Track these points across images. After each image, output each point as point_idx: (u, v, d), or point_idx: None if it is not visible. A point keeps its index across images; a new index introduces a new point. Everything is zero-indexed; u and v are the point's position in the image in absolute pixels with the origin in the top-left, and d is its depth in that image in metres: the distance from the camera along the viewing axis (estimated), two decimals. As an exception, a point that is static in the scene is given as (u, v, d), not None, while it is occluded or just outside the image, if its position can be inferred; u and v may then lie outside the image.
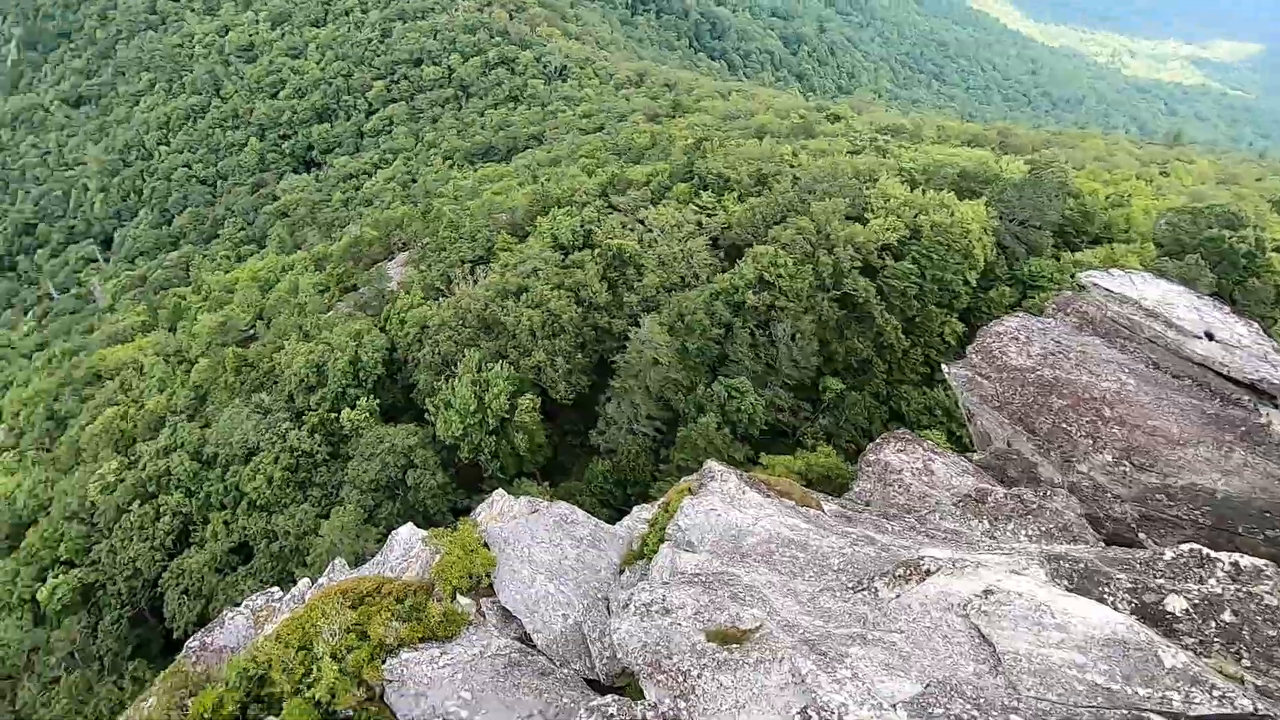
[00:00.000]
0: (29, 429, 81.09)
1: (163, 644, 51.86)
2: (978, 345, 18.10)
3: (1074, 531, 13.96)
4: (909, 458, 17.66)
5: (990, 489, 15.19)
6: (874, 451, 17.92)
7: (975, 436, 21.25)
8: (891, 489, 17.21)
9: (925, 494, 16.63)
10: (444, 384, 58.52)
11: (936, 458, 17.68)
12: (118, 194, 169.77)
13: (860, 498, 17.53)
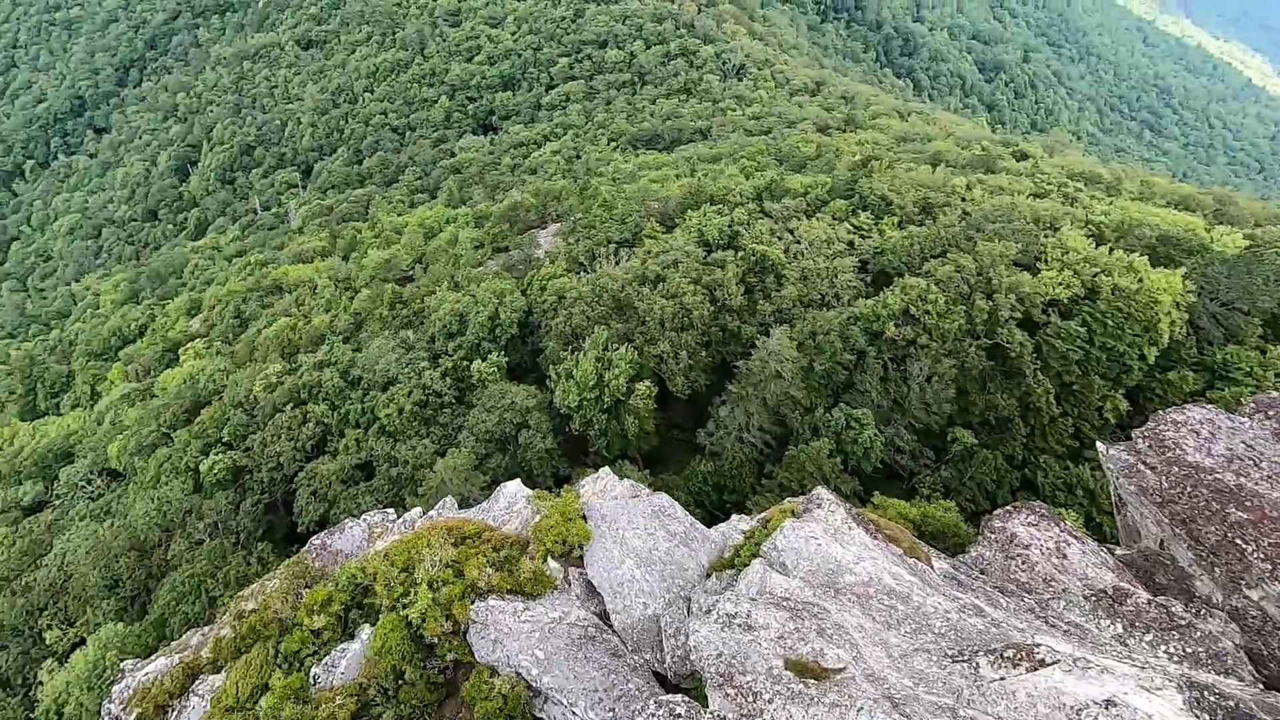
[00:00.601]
0: (219, 322, 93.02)
1: (286, 532, 57.94)
2: (1148, 431, 16.23)
3: (1227, 662, 12.24)
4: (1041, 534, 16.18)
5: (1132, 591, 13.60)
6: (1002, 519, 16.56)
7: (1122, 529, 19.16)
8: (1014, 563, 15.88)
9: (1052, 577, 15.19)
10: (569, 355, 60.65)
11: (1074, 542, 16.10)
12: (323, 130, 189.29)
13: (976, 564, 16.31)
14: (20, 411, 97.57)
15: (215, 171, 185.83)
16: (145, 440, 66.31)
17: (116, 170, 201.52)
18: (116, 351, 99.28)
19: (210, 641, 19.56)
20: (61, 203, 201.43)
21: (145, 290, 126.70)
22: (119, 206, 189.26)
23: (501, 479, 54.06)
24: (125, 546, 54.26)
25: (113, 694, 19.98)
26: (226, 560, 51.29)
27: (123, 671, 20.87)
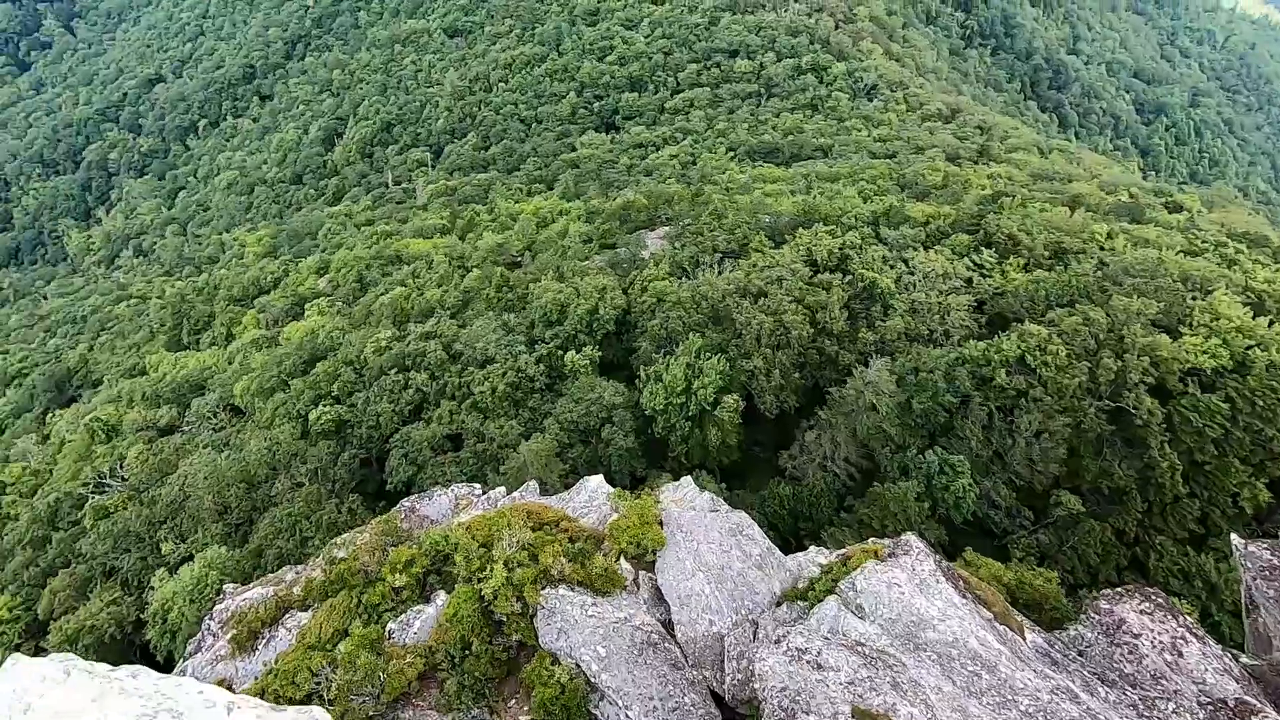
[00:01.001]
0: (343, 284, 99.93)
1: (376, 488, 61.43)
2: (1300, 532, 14.44)
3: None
4: (1155, 625, 14.74)
5: (1259, 708, 12.14)
6: (1110, 601, 15.20)
7: (1250, 635, 17.18)
8: (1120, 651, 14.56)
9: (1163, 675, 13.79)
10: (661, 358, 61.02)
11: (1193, 640, 14.58)
12: (457, 115, 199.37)
13: (1075, 644, 15.08)
14: (167, 342, 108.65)
15: (357, 145, 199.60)
16: (266, 384, 72.19)
17: (273, 135, 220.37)
18: (253, 299, 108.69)
19: (302, 581, 21.05)
20: (224, 160, 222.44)
21: (283, 247, 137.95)
22: (271, 168, 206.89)
23: (581, 470, 55.41)
24: (237, 478, 59.22)
25: (214, 612, 21.90)
26: (321, 505, 55.00)
27: (225, 593, 22.84)
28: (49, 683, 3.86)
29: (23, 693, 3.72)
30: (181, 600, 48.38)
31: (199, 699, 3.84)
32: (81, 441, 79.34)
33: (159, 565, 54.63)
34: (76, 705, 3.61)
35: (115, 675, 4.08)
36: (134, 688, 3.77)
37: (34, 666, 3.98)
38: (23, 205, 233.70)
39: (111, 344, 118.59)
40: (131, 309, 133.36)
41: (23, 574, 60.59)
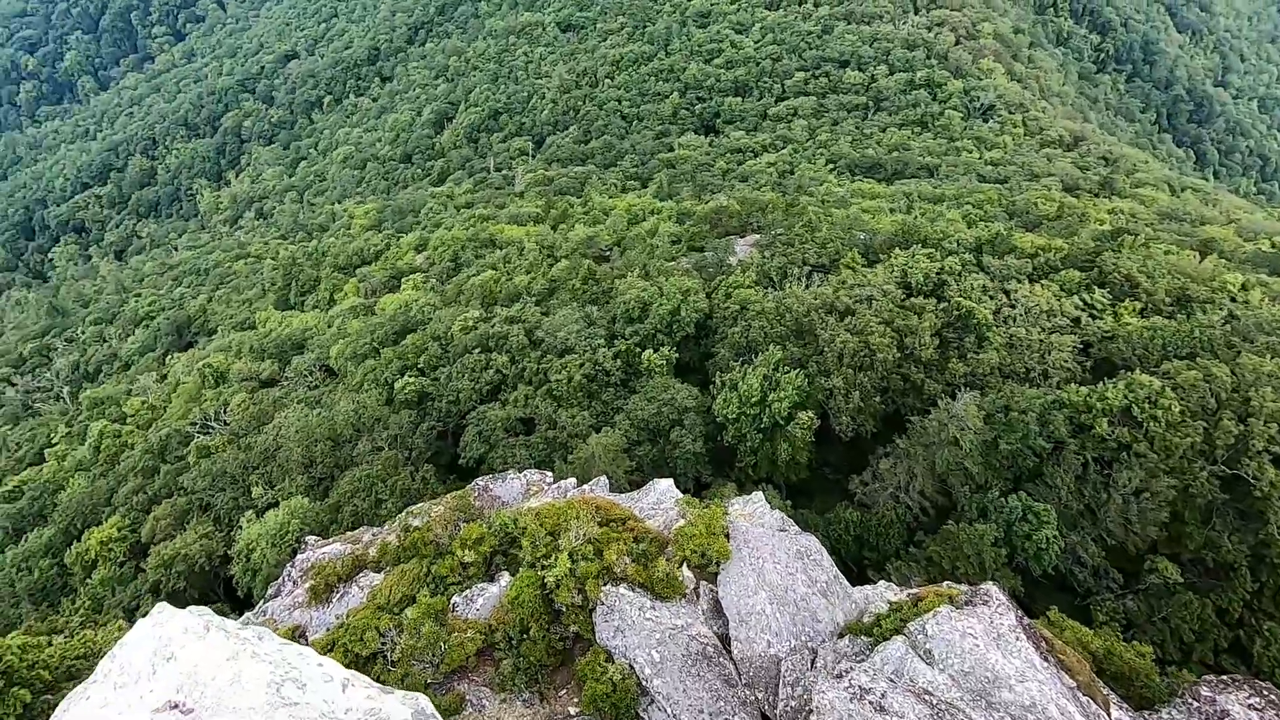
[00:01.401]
0: (438, 262, 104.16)
1: (449, 461, 63.72)
2: None
3: None
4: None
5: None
6: (1213, 689, 13.89)
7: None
8: (1219, 745, 13.31)
9: (1268, 780, 12.51)
10: (738, 367, 60.38)
11: (1308, 747, 13.15)
12: (561, 108, 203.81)
13: (1166, 729, 13.89)
14: (276, 301, 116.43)
15: (464, 130, 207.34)
16: (359, 350, 76.17)
17: (389, 115, 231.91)
18: (355, 269, 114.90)
19: (377, 543, 22.09)
20: (343, 135, 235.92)
21: (388, 221, 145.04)
22: (383, 146, 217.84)
23: (646, 468, 55.65)
24: (324, 435, 62.75)
25: (295, 561, 23.29)
26: (397, 470, 57.52)
27: (306, 544, 24.25)
28: (190, 635, 4.17)
29: (168, 641, 4.04)
30: (264, 543, 51.73)
31: (318, 671, 4.05)
32: (193, 384, 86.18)
33: (248, 507, 58.59)
34: (213, 662, 3.89)
35: (245, 636, 4.34)
36: (264, 652, 4.02)
37: (178, 618, 4.31)
38: (166, 163, 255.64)
39: (228, 297, 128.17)
40: (248, 267, 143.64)
41: (132, 499, 66.36)
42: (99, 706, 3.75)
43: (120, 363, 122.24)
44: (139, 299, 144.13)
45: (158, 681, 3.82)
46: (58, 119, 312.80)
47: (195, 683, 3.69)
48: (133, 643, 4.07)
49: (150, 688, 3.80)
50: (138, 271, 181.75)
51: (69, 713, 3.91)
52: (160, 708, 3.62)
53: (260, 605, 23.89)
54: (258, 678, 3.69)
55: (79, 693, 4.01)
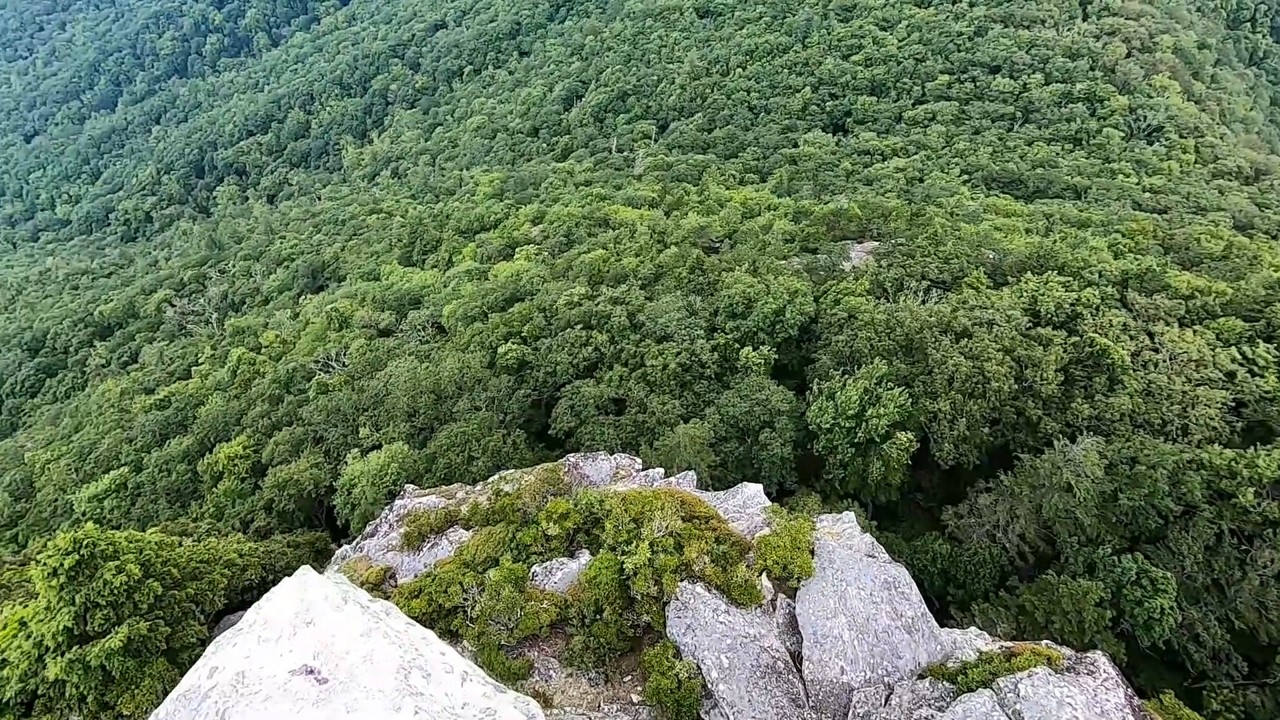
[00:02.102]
0: (552, 236, 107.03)
1: (540, 430, 65.69)
2: None
3: None
4: None
5: None
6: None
7: None
8: None
9: None
10: (838, 376, 58.43)
11: None
12: (689, 94, 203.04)
13: None
14: (400, 257, 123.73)
15: (592, 109, 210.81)
16: (470, 312, 79.70)
17: (523, 89, 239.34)
18: (474, 234, 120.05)
19: (470, 502, 23.13)
20: (478, 105, 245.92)
21: (509, 192, 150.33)
22: (514, 119, 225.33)
23: (730, 465, 55.16)
24: (429, 388, 66.26)
25: (394, 506, 24.80)
26: (491, 432, 59.90)
27: (405, 492, 25.76)
28: (329, 604, 4.44)
29: (309, 605, 4.30)
30: (365, 481, 55.43)
31: (441, 661, 4.21)
32: (320, 325, 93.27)
33: (355, 445, 62.91)
34: (349, 635, 4.12)
35: (376, 610, 4.56)
36: (394, 632, 4.22)
37: (320, 585, 4.58)
38: (319, 119, 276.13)
39: (358, 248, 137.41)
40: (379, 222, 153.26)
41: (258, 422, 72.89)
42: (243, 656, 4.06)
43: (261, 297, 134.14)
44: (283, 241, 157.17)
45: (297, 643, 4.09)
46: (234, 71, 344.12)
47: (331, 653, 3.91)
48: (277, 600, 4.39)
49: (290, 647, 4.07)
50: (285, 216, 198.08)
51: (217, 655, 4.27)
52: (297, 669, 3.87)
53: (358, 541, 25.64)
54: (389, 661, 3.87)
55: (227, 639, 4.37)
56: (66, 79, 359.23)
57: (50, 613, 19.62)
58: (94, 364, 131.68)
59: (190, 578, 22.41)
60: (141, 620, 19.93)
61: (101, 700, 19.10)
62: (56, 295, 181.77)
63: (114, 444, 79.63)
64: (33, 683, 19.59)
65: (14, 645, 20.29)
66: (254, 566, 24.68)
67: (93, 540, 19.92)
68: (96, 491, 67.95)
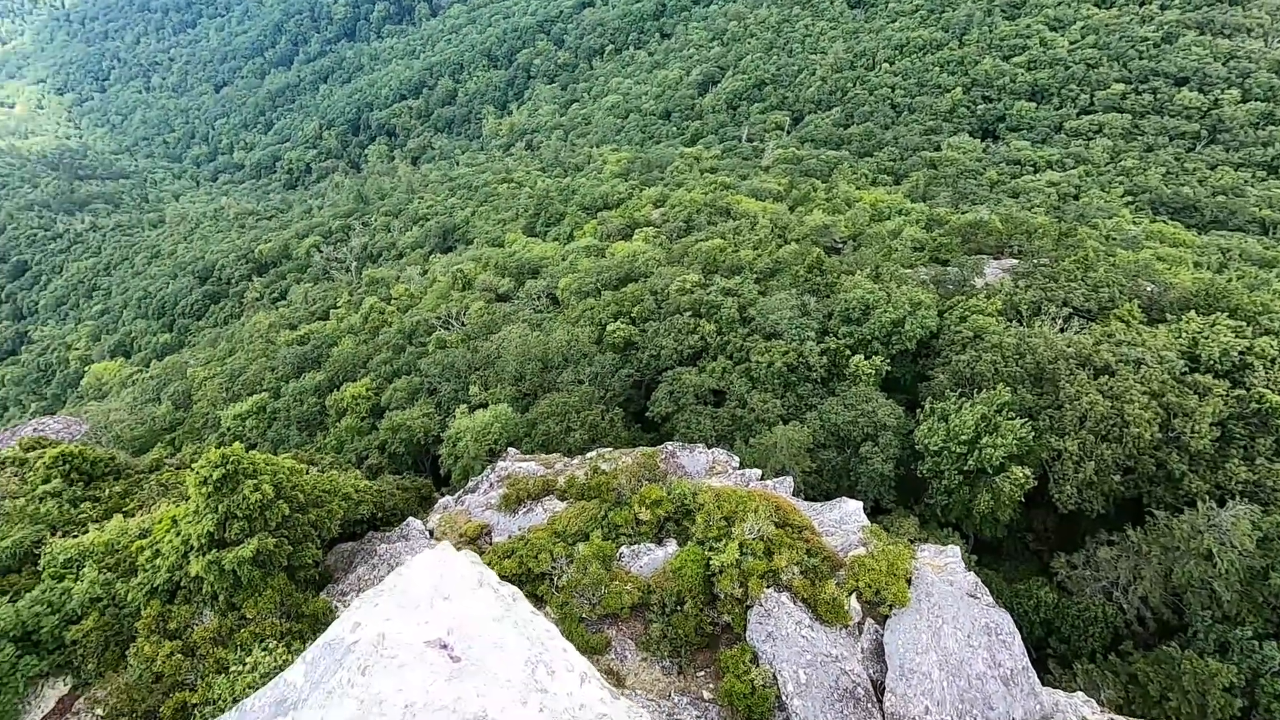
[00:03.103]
0: (671, 220, 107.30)
1: (638, 411, 66.53)
2: None
3: None
4: None
5: None
6: None
7: None
8: None
9: None
10: (954, 397, 55.14)
11: None
12: (828, 87, 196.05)
13: None
14: (524, 227, 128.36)
15: (727, 95, 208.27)
16: (584, 287, 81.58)
17: (660, 71, 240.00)
18: (597, 211, 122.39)
19: (567, 474, 23.81)
20: (615, 84, 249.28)
21: (635, 172, 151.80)
22: (648, 100, 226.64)
23: (826, 474, 53.61)
24: (537, 356, 68.62)
25: (496, 466, 25.96)
26: (590, 406, 61.29)
27: (508, 454, 26.91)
28: (465, 584, 4.66)
29: (445, 580, 4.53)
30: (470, 436, 58.37)
31: (563, 659, 4.32)
32: (445, 284, 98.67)
33: (464, 401, 66.33)
34: (481, 617, 4.30)
35: (505, 595, 4.74)
36: (522, 620, 4.37)
37: (458, 562, 4.81)
38: (466, 88, 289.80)
39: (487, 215, 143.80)
40: (509, 191, 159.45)
41: (381, 367, 78.43)
42: (384, 618, 4.35)
43: (396, 252, 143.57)
44: (421, 201, 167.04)
45: (433, 614, 4.33)
46: (395, 37, 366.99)
47: (464, 633, 4.11)
48: (417, 568, 4.66)
49: (426, 618, 4.32)
50: (425, 178, 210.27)
51: (360, 612, 4.59)
52: (432, 641, 4.10)
53: (460, 494, 27.11)
54: (518, 651, 4.00)
55: (370, 598, 4.69)
56: (254, 36, 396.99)
57: (197, 516, 22.12)
58: (250, 297, 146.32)
59: (312, 504, 24.52)
60: (269, 536, 22.07)
61: (230, 601, 21.41)
62: (226, 231, 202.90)
63: (259, 371, 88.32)
64: (178, 575, 22.25)
65: (166, 539, 23.10)
66: (367, 502, 26.71)
67: (238, 458, 22.22)
68: (240, 411, 75.70)
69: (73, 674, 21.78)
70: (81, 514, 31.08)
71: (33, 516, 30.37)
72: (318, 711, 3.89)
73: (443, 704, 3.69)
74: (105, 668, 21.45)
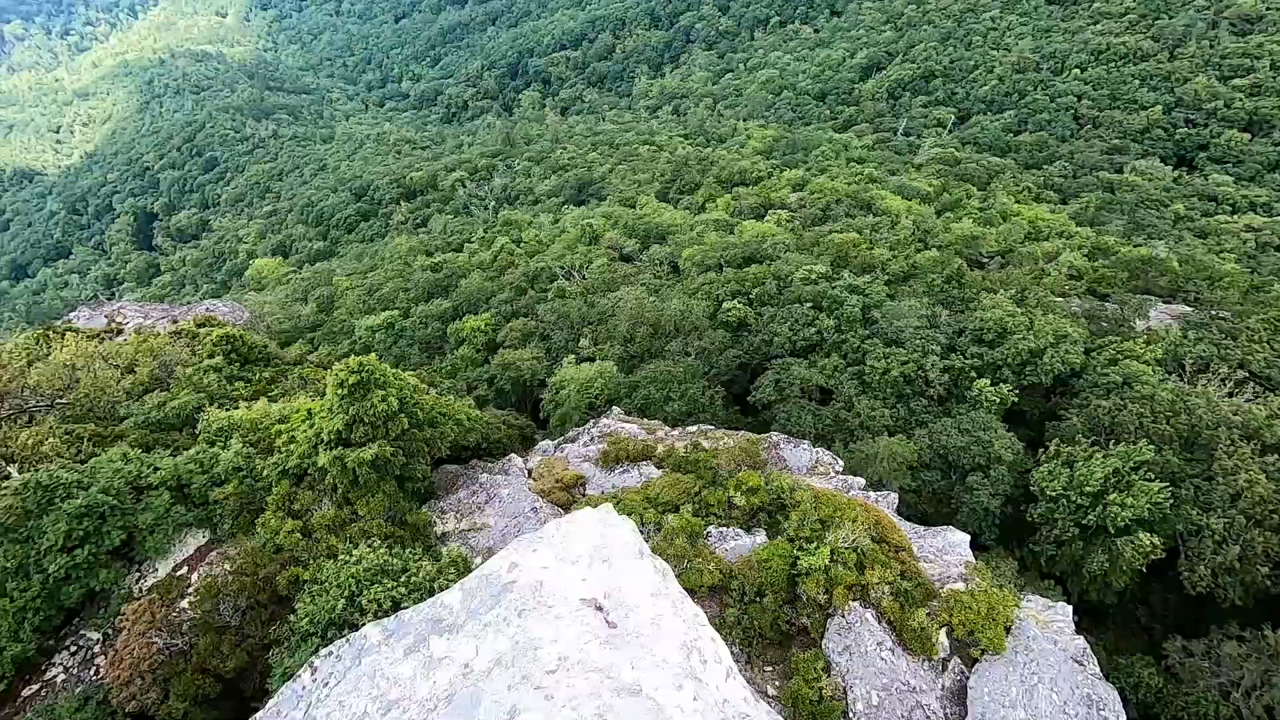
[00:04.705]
0: (808, 207, 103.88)
1: (740, 393, 65.86)
2: None
3: None
4: None
5: None
6: None
7: None
8: None
9: None
10: (1085, 444, 50.63)
11: None
12: (1005, 87, 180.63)
13: None
14: (657, 191, 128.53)
15: (890, 84, 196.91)
16: (707, 261, 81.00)
17: (822, 50, 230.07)
18: (733, 186, 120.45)
19: (668, 444, 24.01)
20: (773, 58, 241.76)
21: (778, 152, 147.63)
22: (804, 80, 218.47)
23: (925, 496, 51.12)
24: (649, 321, 69.16)
25: (600, 422, 26.57)
26: (694, 380, 61.31)
27: (612, 412, 27.45)
28: (627, 550, 4.71)
29: (608, 544, 4.61)
30: (573, 386, 60.09)
31: (712, 649, 4.28)
32: (573, 235, 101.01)
33: (573, 352, 68.28)
34: (640, 590, 4.34)
35: (659, 567, 4.78)
36: (675, 600, 4.37)
37: (620, 530, 4.87)
38: (624, 45, 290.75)
39: (624, 174, 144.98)
40: (649, 153, 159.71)
41: (501, 306, 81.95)
42: (540, 565, 4.50)
43: (532, 197, 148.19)
44: (563, 152, 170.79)
45: (591, 574, 4.43)
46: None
47: (621, 602, 4.18)
48: (579, 523, 4.78)
49: (584, 576, 4.43)
50: (570, 129, 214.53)
51: (518, 554, 4.78)
52: (588, 600, 4.20)
53: (560, 442, 28.05)
54: (675, 633, 4.02)
55: (526, 543, 4.87)
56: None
57: (330, 414, 24.18)
58: (396, 219, 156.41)
59: (429, 423, 26.20)
60: (388, 444, 23.81)
61: (346, 496, 23.42)
62: (384, 156, 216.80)
63: (394, 289, 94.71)
64: (306, 462, 24.55)
65: (301, 429, 25.47)
66: (476, 431, 28.25)
67: (373, 369, 24.00)
68: (373, 324, 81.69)
69: (211, 529, 24.75)
70: (235, 391, 34.90)
71: (197, 385, 34.44)
72: (473, 640, 4.11)
73: (597, 666, 3.78)
74: (237, 530, 24.20)
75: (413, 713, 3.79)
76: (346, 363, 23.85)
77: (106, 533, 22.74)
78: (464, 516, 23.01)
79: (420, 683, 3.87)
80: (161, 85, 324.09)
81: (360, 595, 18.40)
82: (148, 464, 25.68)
